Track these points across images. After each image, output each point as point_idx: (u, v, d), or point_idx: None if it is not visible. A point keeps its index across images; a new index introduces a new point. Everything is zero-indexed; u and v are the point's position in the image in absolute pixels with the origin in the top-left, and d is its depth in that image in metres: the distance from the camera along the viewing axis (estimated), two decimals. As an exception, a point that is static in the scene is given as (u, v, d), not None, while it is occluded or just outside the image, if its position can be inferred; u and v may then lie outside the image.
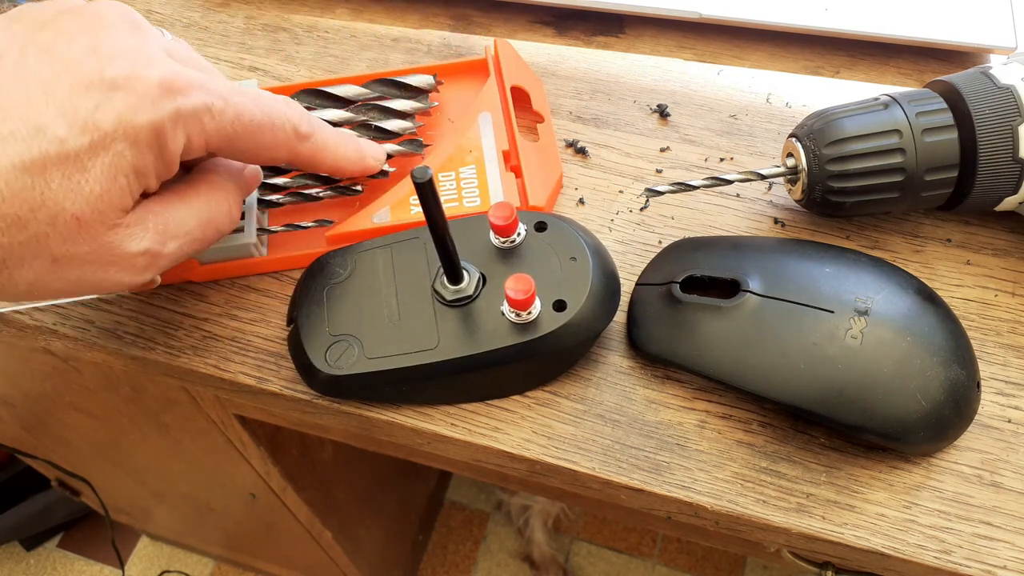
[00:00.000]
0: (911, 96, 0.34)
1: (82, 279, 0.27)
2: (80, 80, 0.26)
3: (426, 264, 0.33)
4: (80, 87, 0.26)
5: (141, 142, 0.26)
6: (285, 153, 0.32)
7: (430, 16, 0.46)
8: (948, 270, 0.35)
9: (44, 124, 0.25)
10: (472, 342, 0.31)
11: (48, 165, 0.25)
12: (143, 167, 0.27)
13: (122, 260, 0.28)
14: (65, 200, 0.25)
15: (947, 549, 0.29)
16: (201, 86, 0.28)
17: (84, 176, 0.26)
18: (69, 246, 0.26)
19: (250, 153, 0.30)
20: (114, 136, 0.26)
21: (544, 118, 0.40)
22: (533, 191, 0.36)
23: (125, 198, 0.27)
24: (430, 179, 0.27)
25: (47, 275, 0.27)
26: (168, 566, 1.19)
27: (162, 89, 0.27)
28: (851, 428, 0.30)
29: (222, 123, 0.28)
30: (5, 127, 0.25)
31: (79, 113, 0.25)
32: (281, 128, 0.31)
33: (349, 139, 0.34)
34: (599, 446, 0.32)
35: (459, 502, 1.23)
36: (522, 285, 0.29)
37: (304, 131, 0.32)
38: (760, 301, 0.31)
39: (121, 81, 0.26)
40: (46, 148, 0.25)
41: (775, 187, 0.38)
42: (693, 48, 0.44)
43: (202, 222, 0.30)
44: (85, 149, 0.25)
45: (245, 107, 0.29)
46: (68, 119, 0.25)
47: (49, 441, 0.77)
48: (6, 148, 0.25)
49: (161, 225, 0.28)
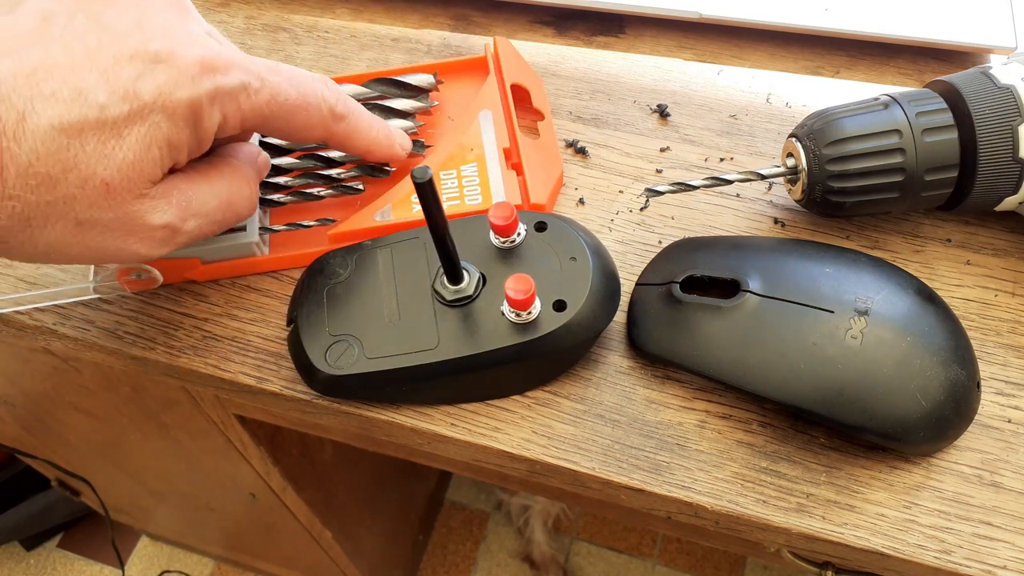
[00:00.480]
0: (911, 96, 0.34)
1: (101, 246, 0.28)
2: (124, 51, 0.26)
3: (426, 264, 0.33)
4: (124, 58, 0.26)
5: (178, 116, 0.27)
6: (320, 133, 0.32)
7: (430, 16, 0.46)
8: (948, 270, 0.35)
9: (86, 89, 0.25)
10: (472, 342, 0.31)
11: (85, 129, 0.25)
12: (177, 141, 0.28)
13: (143, 230, 0.28)
14: (98, 165, 0.26)
15: (947, 549, 0.29)
16: (240, 65, 0.28)
17: (119, 143, 0.26)
18: (95, 211, 0.27)
19: (285, 132, 0.31)
20: (152, 107, 0.26)
21: (544, 116, 0.40)
22: (534, 188, 0.36)
23: (155, 169, 0.27)
24: (430, 179, 0.27)
25: (68, 237, 0.27)
26: (168, 566, 1.19)
27: (202, 67, 0.27)
28: (851, 428, 0.30)
29: (258, 103, 0.29)
30: (47, 87, 0.25)
31: (120, 81, 0.26)
32: (316, 108, 0.31)
33: (381, 123, 0.35)
34: (599, 446, 0.32)
35: (459, 502, 1.23)
36: (522, 285, 0.29)
37: (340, 111, 0.32)
38: (760, 301, 0.31)
39: (164, 56, 0.27)
40: (86, 112, 0.25)
41: (775, 187, 0.38)
42: (693, 48, 0.44)
43: (223, 204, 0.31)
44: (123, 117, 0.26)
45: (281, 87, 0.30)
46: (110, 86, 0.26)
47: (49, 441, 0.77)
48: (46, 108, 0.25)
49: (184, 202, 0.29)
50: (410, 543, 1.13)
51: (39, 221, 0.26)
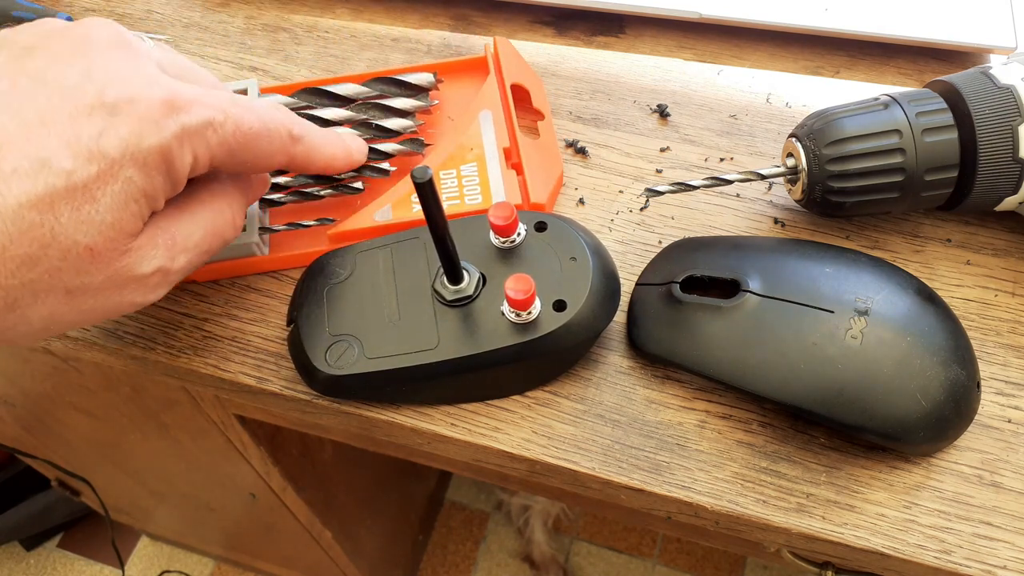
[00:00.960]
0: (911, 96, 0.34)
1: (97, 307, 0.27)
2: (80, 107, 0.25)
3: (426, 264, 0.33)
4: (81, 114, 0.25)
5: (150, 165, 0.26)
6: (281, 158, 0.31)
7: (430, 16, 0.46)
8: (948, 270, 0.35)
9: (48, 156, 0.24)
10: (472, 342, 0.31)
11: (56, 199, 0.24)
12: (152, 190, 0.26)
13: (135, 282, 0.27)
14: (76, 232, 0.25)
15: (947, 549, 0.29)
16: (201, 101, 0.27)
17: (94, 206, 0.25)
18: (83, 277, 0.26)
19: (251, 163, 0.30)
20: (122, 163, 0.25)
21: (544, 115, 0.40)
22: (534, 188, 0.36)
23: (136, 222, 0.26)
24: (430, 179, 0.27)
25: (62, 308, 0.26)
26: (168, 566, 1.19)
27: (165, 109, 0.26)
28: (851, 428, 0.30)
29: (224, 136, 0.28)
30: (7, 164, 0.24)
31: (83, 141, 0.25)
32: (277, 133, 0.30)
33: (334, 135, 0.34)
34: (599, 446, 0.32)
35: (459, 502, 1.23)
36: (522, 285, 0.29)
37: (297, 133, 0.31)
38: (760, 301, 0.31)
39: (123, 104, 0.25)
40: (52, 182, 0.24)
41: (775, 187, 0.38)
42: (693, 48, 0.44)
43: (208, 233, 0.30)
44: (93, 178, 0.25)
45: (243, 117, 0.29)
46: (72, 148, 0.24)
47: (49, 441, 0.77)
48: (11, 187, 0.24)
49: (169, 240, 0.28)
50: (410, 543, 1.13)
51: (27, 300, 0.25)
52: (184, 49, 0.45)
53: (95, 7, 0.47)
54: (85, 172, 0.24)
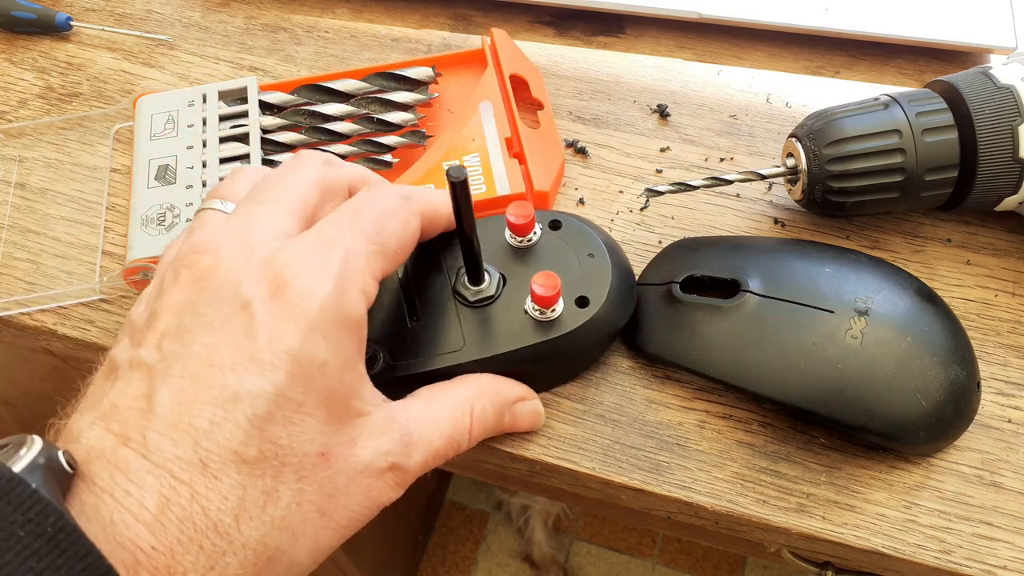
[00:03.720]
0: (911, 96, 0.34)
1: (351, 513, 0.25)
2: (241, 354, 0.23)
3: (443, 265, 0.33)
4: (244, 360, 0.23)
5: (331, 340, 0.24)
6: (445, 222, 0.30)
7: (430, 16, 0.46)
8: (948, 270, 0.35)
9: (232, 384, 0.23)
10: (497, 342, 0.31)
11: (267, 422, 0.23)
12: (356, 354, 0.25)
13: (369, 472, 0.25)
14: (304, 443, 0.23)
15: (947, 549, 0.29)
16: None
17: (299, 410, 0.23)
18: (327, 485, 0.24)
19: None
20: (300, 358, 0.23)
21: (544, 105, 0.40)
22: (537, 176, 0.37)
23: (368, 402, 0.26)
24: (465, 179, 0.27)
25: (322, 533, 0.24)
26: (168, 566, 1.19)
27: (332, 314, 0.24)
28: (851, 428, 0.30)
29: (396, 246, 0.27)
30: (202, 419, 0.22)
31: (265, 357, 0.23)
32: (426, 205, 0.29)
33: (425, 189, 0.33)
34: (599, 446, 0.32)
35: (459, 502, 1.23)
36: (550, 281, 0.29)
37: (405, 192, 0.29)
38: (760, 301, 0.31)
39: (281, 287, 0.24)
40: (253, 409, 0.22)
41: (775, 187, 0.38)
42: (693, 48, 0.44)
43: None
44: (285, 383, 0.23)
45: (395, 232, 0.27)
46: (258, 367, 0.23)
47: (49, 441, 0.77)
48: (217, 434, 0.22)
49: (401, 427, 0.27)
50: (410, 543, 1.13)
51: (287, 543, 0.23)
52: (184, 49, 0.45)
53: (95, 7, 0.47)
54: (273, 379, 0.23)
